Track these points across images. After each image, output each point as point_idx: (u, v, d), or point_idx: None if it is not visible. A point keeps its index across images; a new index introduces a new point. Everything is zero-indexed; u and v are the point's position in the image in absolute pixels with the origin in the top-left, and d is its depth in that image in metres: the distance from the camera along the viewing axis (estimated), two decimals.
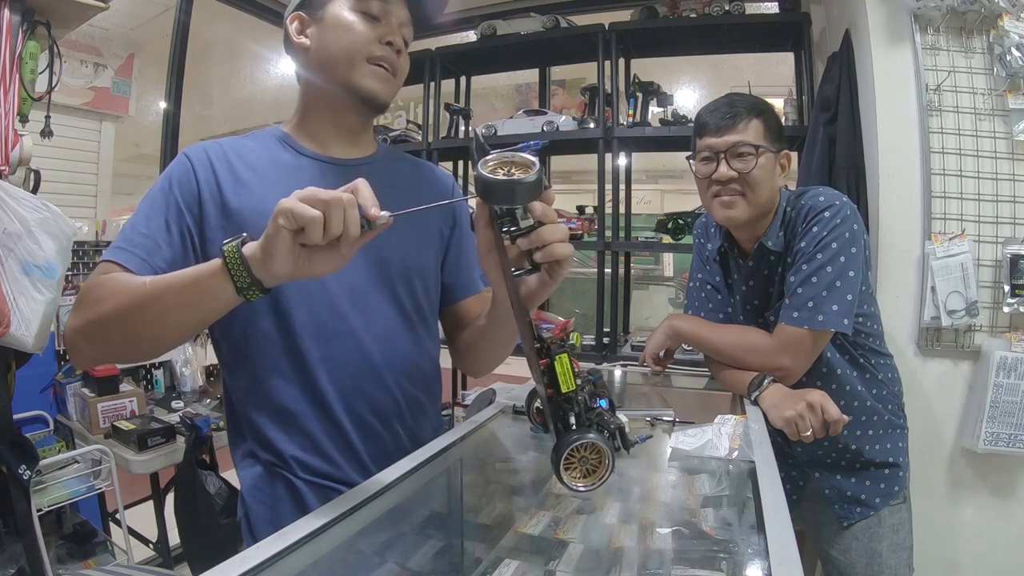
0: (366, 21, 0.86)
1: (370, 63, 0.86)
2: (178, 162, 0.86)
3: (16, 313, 1.45)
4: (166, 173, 0.85)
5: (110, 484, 1.83)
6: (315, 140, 0.92)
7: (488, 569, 0.88)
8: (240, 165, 0.87)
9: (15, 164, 1.52)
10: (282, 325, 0.85)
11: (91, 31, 3.18)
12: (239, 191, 0.84)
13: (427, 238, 0.98)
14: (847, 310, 1.10)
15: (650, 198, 7.23)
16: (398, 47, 0.88)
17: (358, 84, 0.86)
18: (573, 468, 0.59)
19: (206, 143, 0.88)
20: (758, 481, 0.75)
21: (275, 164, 0.89)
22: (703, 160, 1.19)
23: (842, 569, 1.26)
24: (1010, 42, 1.56)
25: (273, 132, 0.94)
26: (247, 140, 0.92)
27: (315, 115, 0.92)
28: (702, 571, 0.77)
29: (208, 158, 0.86)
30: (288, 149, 0.91)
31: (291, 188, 0.74)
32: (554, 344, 0.62)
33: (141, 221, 0.81)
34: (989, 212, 1.63)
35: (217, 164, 0.86)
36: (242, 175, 0.86)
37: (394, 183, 0.94)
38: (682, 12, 2.27)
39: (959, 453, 1.67)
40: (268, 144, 0.91)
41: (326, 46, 0.87)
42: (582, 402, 0.62)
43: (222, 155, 0.87)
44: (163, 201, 0.83)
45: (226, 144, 0.89)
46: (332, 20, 0.86)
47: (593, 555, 0.90)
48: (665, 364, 1.41)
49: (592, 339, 2.37)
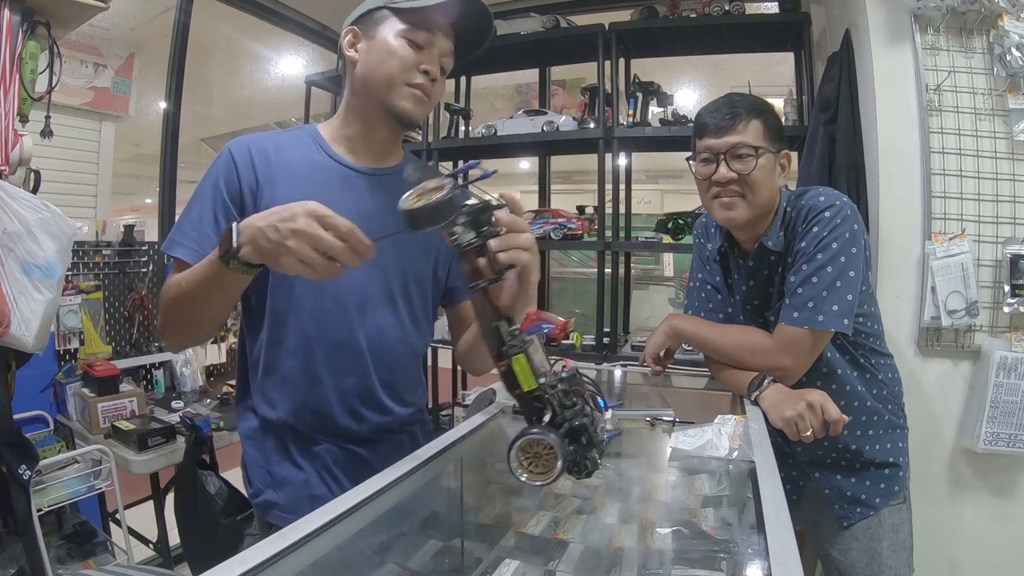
0: (411, 48, 0.94)
1: (408, 87, 0.95)
2: (223, 158, 0.96)
3: (16, 313, 1.45)
4: (213, 169, 0.96)
5: (110, 484, 1.83)
6: (347, 146, 1.02)
7: (488, 569, 0.89)
8: (277, 163, 0.96)
9: (15, 164, 1.52)
10: (291, 306, 0.96)
11: (91, 31, 3.17)
12: (275, 187, 0.94)
13: (426, 248, 1.06)
14: (847, 310, 1.10)
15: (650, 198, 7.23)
16: (434, 76, 0.97)
17: (395, 104, 0.96)
18: (526, 461, 0.64)
19: (249, 139, 0.98)
20: (758, 481, 0.75)
21: (308, 165, 0.98)
22: (703, 161, 1.19)
23: (842, 569, 1.26)
24: (1010, 42, 1.56)
25: (309, 131, 1.03)
26: (285, 137, 1.01)
27: (352, 123, 1.01)
28: (702, 571, 0.77)
29: (250, 155, 0.95)
30: (320, 151, 1.00)
31: (319, 190, 0.93)
32: (513, 344, 0.65)
33: (193, 215, 0.93)
34: (989, 212, 1.63)
35: (258, 161, 0.95)
36: (277, 172, 0.96)
37: (402, 191, 0.98)
38: (682, 12, 2.27)
39: (959, 453, 1.67)
40: (304, 143, 1.00)
41: (371, 65, 0.96)
42: (554, 400, 0.65)
43: (263, 152, 0.96)
44: (211, 195, 0.94)
45: (266, 140, 0.98)
46: (380, 43, 0.95)
47: (593, 555, 0.90)
48: (665, 364, 1.41)
49: (592, 339, 2.37)
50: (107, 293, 2.31)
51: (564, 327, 2.49)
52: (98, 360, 2.10)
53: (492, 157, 3.24)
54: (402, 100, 0.96)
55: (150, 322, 2.43)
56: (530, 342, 0.66)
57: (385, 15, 0.95)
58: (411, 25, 0.94)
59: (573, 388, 0.69)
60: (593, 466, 0.66)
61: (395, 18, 0.95)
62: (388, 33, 0.95)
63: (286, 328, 0.97)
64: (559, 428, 0.64)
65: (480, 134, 2.58)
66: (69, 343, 2.17)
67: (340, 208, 0.88)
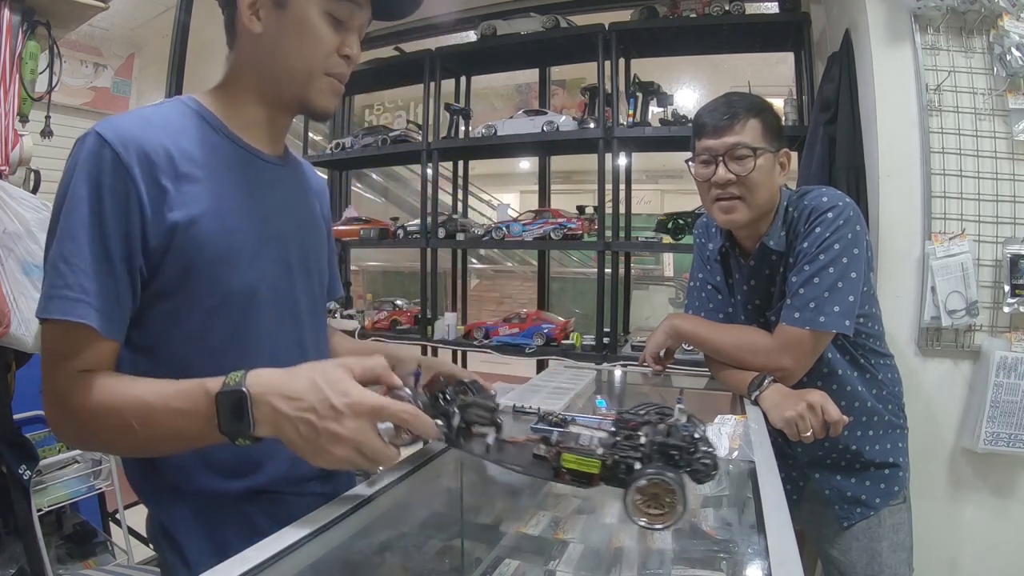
0: (331, 27, 0.76)
1: (327, 76, 0.78)
2: (104, 161, 0.67)
3: (16, 313, 1.45)
4: (88, 179, 0.66)
5: (110, 484, 1.83)
6: (242, 128, 0.80)
7: (488, 569, 0.89)
8: (176, 153, 0.71)
9: (15, 164, 1.52)
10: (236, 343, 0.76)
11: (91, 31, 3.17)
12: (180, 186, 0.70)
13: (324, 246, 0.96)
14: (848, 311, 1.10)
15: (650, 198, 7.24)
16: (355, 59, 0.80)
17: (311, 100, 0.79)
18: (644, 505, 0.61)
19: (130, 127, 0.70)
20: (758, 481, 0.75)
21: (212, 153, 0.76)
22: (702, 163, 1.19)
23: (842, 569, 1.26)
24: (1010, 42, 1.56)
25: (190, 106, 0.78)
26: (168, 116, 0.75)
27: (251, 105, 0.81)
28: (702, 571, 0.78)
29: (145, 154, 0.69)
30: (218, 135, 0.78)
31: (232, 184, 0.75)
32: (548, 453, 0.66)
33: (78, 256, 0.65)
34: (989, 212, 1.63)
35: (157, 159, 0.69)
36: (181, 166, 0.71)
37: (300, 184, 0.92)
38: (682, 12, 2.27)
39: (959, 453, 1.67)
40: (194, 124, 0.76)
41: (284, 47, 0.76)
42: (620, 452, 0.64)
43: (158, 144, 0.70)
44: (94, 223, 0.66)
45: (153, 126, 0.72)
46: (296, 18, 0.74)
47: (593, 555, 0.90)
48: (665, 364, 1.41)
49: (592, 339, 2.37)
50: None
51: (564, 327, 2.49)
52: None
53: (492, 157, 3.25)
54: (320, 96, 0.78)
55: None
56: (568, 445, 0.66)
57: None
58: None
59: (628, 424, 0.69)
60: (709, 459, 0.63)
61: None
62: (305, 4, 0.74)
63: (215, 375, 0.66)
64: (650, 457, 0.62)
65: (480, 134, 2.58)
66: None
67: (256, 201, 0.78)
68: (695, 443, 0.63)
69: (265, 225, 0.79)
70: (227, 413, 0.61)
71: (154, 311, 0.72)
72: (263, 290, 0.77)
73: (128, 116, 0.73)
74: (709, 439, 0.65)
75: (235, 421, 0.60)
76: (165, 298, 0.72)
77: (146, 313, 0.72)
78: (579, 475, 0.64)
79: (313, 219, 0.92)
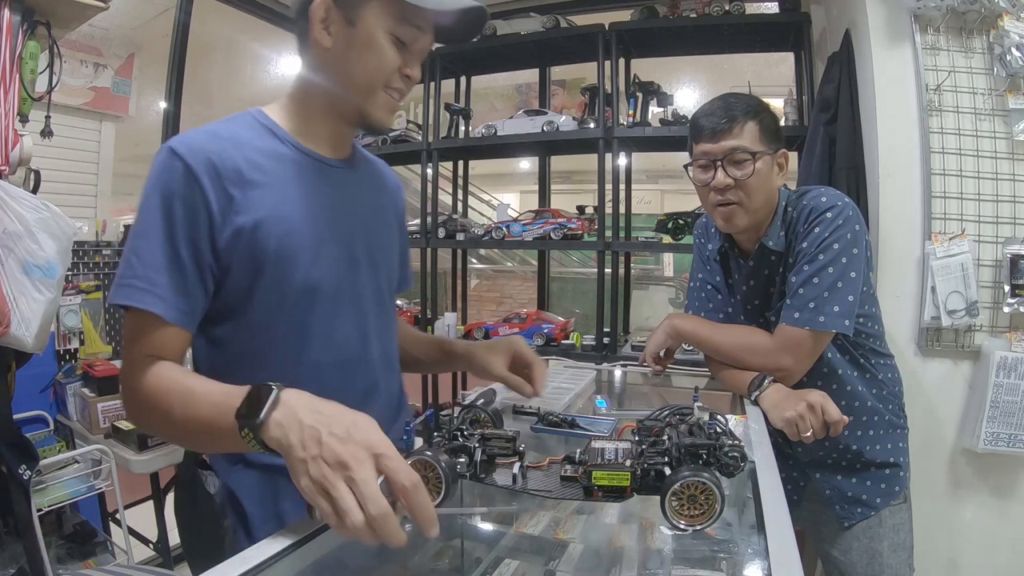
0: (394, 47, 0.82)
1: (386, 91, 0.84)
2: (176, 173, 0.75)
3: (16, 313, 1.45)
4: (163, 187, 0.75)
5: (110, 484, 1.83)
6: (307, 137, 0.87)
7: (488, 569, 0.89)
8: (244, 163, 0.79)
9: (15, 164, 1.52)
10: (312, 340, 0.84)
11: (91, 31, 3.17)
12: (246, 191, 0.78)
13: (394, 243, 1.02)
14: (848, 311, 1.10)
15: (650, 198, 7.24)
16: (415, 79, 0.87)
17: (370, 113, 0.85)
18: (682, 507, 0.62)
19: (203, 142, 0.78)
20: (758, 481, 0.75)
21: (277, 159, 0.83)
22: (700, 167, 1.19)
23: (842, 569, 1.26)
24: (1010, 42, 1.56)
25: (257, 118, 0.86)
26: (237, 129, 0.83)
27: (317, 116, 0.88)
28: (702, 571, 0.77)
29: (214, 166, 0.76)
30: (283, 143, 0.85)
31: (296, 189, 0.83)
32: (576, 472, 0.66)
33: (149, 252, 0.74)
34: (989, 212, 1.63)
35: (224, 170, 0.77)
36: (247, 174, 0.79)
37: (370, 184, 0.98)
38: (682, 12, 2.26)
39: (959, 453, 1.67)
40: (261, 135, 0.84)
41: (350, 62, 0.82)
42: (648, 461, 0.64)
43: (227, 156, 0.78)
44: (165, 226, 0.74)
45: (223, 139, 0.79)
46: (363, 36, 0.81)
47: (593, 555, 0.90)
48: (665, 364, 1.41)
49: (592, 339, 2.37)
50: (107, 293, 2.31)
51: (564, 327, 2.49)
52: (98, 360, 2.10)
53: (492, 157, 3.25)
54: (378, 110, 0.85)
55: None
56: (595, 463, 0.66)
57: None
58: (400, 19, 0.81)
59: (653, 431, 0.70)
60: (736, 451, 0.64)
61: (382, 3, 0.80)
62: (374, 25, 0.80)
63: (281, 364, 0.81)
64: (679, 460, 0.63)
65: (480, 134, 2.58)
66: (69, 343, 2.17)
67: (319, 203, 0.84)
68: (719, 438, 0.64)
69: (328, 225, 0.85)
70: (248, 400, 0.61)
71: (226, 306, 0.80)
72: (324, 285, 0.83)
73: (198, 131, 0.81)
74: (733, 432, 0.65)
75: (251, 407, 0.60)
76: (235, 294, 0.79)
77: (220, 308, 0.80)
78: (612, 490, 0.64)
79: (383, 217, 0.98)
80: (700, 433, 0.65)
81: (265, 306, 0.80)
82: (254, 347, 0.81)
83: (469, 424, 0.80)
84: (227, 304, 0.80)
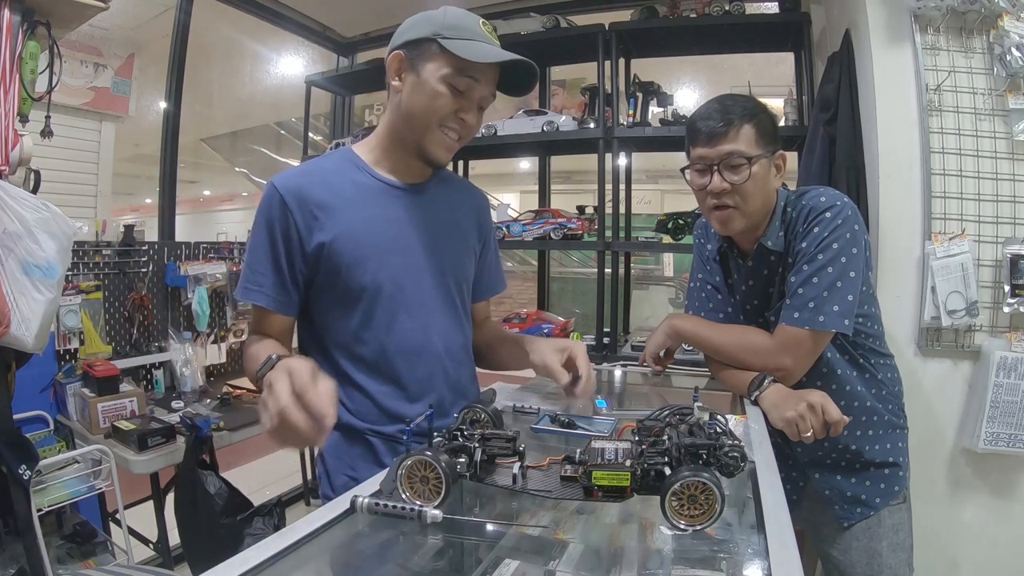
0: (451, 93, 0.98)
1: (441, 130, 1.01)
2: (275, 202, 1.00)
3: (16, 313, 1.45)
4: (266, 213, 1.01)
5: (110, 484, 1.82)
6: (387, 168, 1.08)
7: (488, 569, 0.88)
8: (328, 194, 1.02)
9: (15, 164, 1.51)
10: (378, 329, 1.04)
11: (91, 31, 3.18)
12: (329, 214, 1.01)
13: (469, 253, 1.18)
14: (848, 311, 1.10)
15: (650, 198, 7.24)
16: (471, 123, 1.03)
17: (426, 148, 1.03)
18: (681, 507, 0.62)
19: (297, 179, 1.02)
20: (758, 481, 0.75)
21: (356, 187, 1.05)
22: (696, 171, 1.18)
23: (842, 569, 1.26)
24: (1010, 42, 1.56)
25: (347, 156, 1.09)
26: (327, 165, 1.07)
27: (392, 150, 1.07)
28: (702, 571, 0.77)
29: (303, 196, 1.00)
30: (363, 173, 1.06)
31: (368, 210, 1.03)
32: (576, 473, 0.67)
33: (257, 263, 1.02)
34: (989, 212, 1.63)
35: (311, 199, 1.00)
36: (329, 201, 1.01)
37: (445, 203, 1.14)
38: (682, 12, 2.27)
39: (959, 453, 1.67)
40: (346, 168, 1.07)
41: (413, 103, 1.00)
42: (647, 461, 0.65)
43: (312, 190, 1.01)
44: (268, 243, 1.01)
45: (313, 174, 1.04)
46: (425, 83, 0.98)
47: (593, 555, 0.90)
48: (665, 364, 1.41)
49: (592, 339, 2.37)
50: (107, 293, 2.31)
51: (564, 327, 2.49)
52: (98, 360, 2.10)
53: (492, 157, 3.25)
54: (433, 146, 1.02)
55: (150, 322, 2.42)
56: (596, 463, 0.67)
57: (434, 51, 0.97)
58: (456, 70, 0.97)
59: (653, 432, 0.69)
60: (736, 451, 0.64)
61: (442, 58, 0.97)
62: (433, 74, 0.97)
63: (362, 345, 1.04)
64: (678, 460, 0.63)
65: (480, 134, 2.58)
66: (69, 343, 2.17)
67: (386, 220, 1.05)
68: (720, 438, 0.64)
69: (393, 238, 1.04)
70: (262, 365, 0.86)
71: (316, 303, 1.05)
72: (387, 287, 1.03)
73: (295, 168, 1.08)
74: (732, 432, 0.65)
75: (261, 368, 0.86)
76: (322, 293, 1.04)
77: (312, 306, 1.06)
78: (612, 490, 0.65)
79: (457, 231, 1.15)
80: (700, 433, 0.65)
81: (343, 301, 1.03)
82: (335, 335, 1.05)
83: (469, 424, 0.79)
84: (317, 302, 1.05)
